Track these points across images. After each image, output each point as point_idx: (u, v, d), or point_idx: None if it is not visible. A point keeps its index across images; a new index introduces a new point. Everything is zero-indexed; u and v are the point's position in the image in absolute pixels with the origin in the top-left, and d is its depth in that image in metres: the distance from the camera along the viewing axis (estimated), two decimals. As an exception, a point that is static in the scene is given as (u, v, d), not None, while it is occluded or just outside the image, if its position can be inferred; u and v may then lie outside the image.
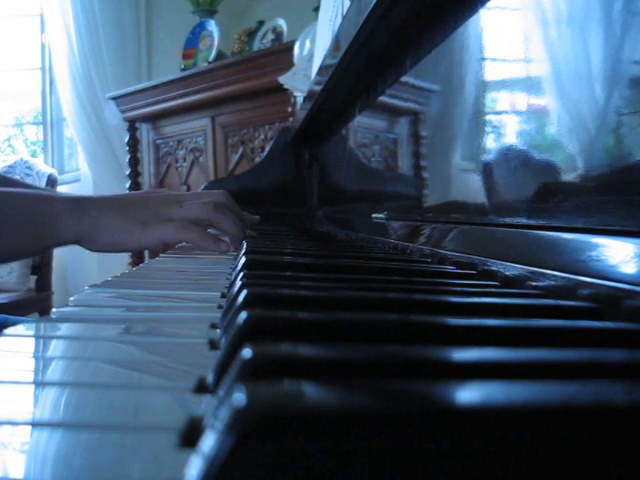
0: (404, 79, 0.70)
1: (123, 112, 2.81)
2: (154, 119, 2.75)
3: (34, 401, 0.20)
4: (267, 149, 1.66)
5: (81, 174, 3.50)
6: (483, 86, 0.49)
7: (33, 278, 3.05)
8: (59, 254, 3.24)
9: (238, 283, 0.31)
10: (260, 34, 2.53)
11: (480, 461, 0.13)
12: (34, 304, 2.95)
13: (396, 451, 0.12)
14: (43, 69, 3.75)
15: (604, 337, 0.23)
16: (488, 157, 0.48)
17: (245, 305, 0.26)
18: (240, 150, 2.36)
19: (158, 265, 0.65)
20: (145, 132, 2.82)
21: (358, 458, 0.12)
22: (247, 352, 0.17)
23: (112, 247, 0.68)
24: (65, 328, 0.31)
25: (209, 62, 2.55)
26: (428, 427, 0.13)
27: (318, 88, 1.01)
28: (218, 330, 0.30)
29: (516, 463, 0.13)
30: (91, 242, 0.68)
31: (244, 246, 0.60)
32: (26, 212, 0.67)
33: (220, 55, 2.60)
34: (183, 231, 0.68)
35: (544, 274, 0.34)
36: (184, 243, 0.93)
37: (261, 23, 2.59)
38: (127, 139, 2.82)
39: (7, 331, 0.28)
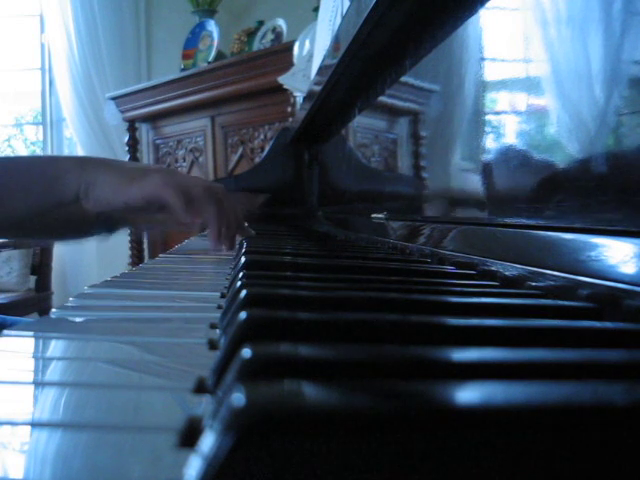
0: (404, 79, 0.70)
1: (123, 112, 2.81)
2: (154, 119, 2.75)
3: (34, 401, 0.20)
4: (267, 149, 1.66)
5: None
6: (483, 86, 0.49)
7: (33, 278, 3.06)
8: (59, 254, 3.24)
9: (237, 283, 0.31)
10: (260, 34, 2.54)
11: (480, 461, 0.13)
12: (34, 304, 2.95)
13: (395, 451, 0.12)
14: (43, 69, 3.75)
15: (604, 337, 0.23)
16: (488, 157, 0.48)
17: (244, 305, 0.26)
18: (240, 150, 2.36)
19: (158, 265, 0.65)
20: (145, 132, 2.83)
21: (357, 458, 0.12)
22: (246, 352, 0.17)
23: (103, 202, 0.70)
24: (64, 328, 0.31)
25: (209, 62, 2.55)
26: (428, 427, 0.13)
27: (318, 88, 1.01)
28: (217, 330, 0.30)
29: (516, 463, 0.13)
30: (86, 197, 0.70)
31: (244, 246, 0.60)
32: (33, 172, 0.71)
33: (220, 55, 2.60)
34: (162, 187, 0.67)
35: (544, 274, 0.34)
36: (182, 244, 0.93)
37: (261, 23, 2.59)
38: (127, 139, 2.82)
39: (7, 331, 0.28)
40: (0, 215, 0.72)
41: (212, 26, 2.71)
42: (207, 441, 0.13)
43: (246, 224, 0.81)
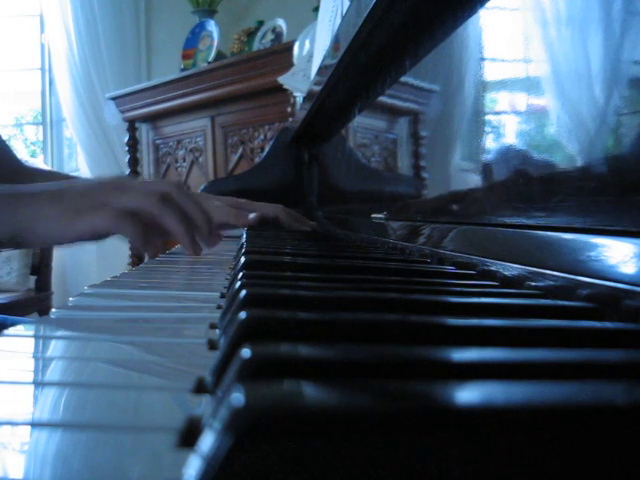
0: (403, 79, 0.70)
1: (123, 112, 2.81)
2: (154, 119, 2.75)
3: (34, 401, 0.20)
4: (267, 149, 1.66)
5: (81, 174, 3.49)
6: (483, 86, 0.49)
7: (33, 278, 3.05)
8: (59, 254, 3.24)
9: (237, 283, 0.31)
10: (260, 34, 2.54)
11: (480, 461, 0.13)
12: (34, 304, 2.95)
13: (395, 451, 0.12)
14: (43, 69, 3.75)
15: (603, 337, 0.23)
16: (487, 157, 0.48)
17: (244, 305, 0.26)
18: (240, 150, 2.36)
19: (157, 265, 0.65)
20: (145, 132, 2.83)
21: (357, 458, 0.12)
22: (246, 352, 0.17)
23: (48, 241, 0.62)
24: (64, 328, 0.31)
25: (209, 62, 2.55)
26: (428, 427, 0.13)
27: (318, 88, 1.01)
28: (217, 330, 0.30)
29: (516, 463, 0.13)
30: (28, 237, 0.61)
31: (244, 246, 0.60)
32: None
33: (220, 55, 2.60)
34: (115, 221, 0.59)
35: (543, 274, 0.34)
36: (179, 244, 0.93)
37: (261, 23, 2.59)
38: (127, 139, 2.82)
39: (7, 331, 0.28)
40: None
41: (212, 26, 2.71)
42: (207, 441, 0.13)
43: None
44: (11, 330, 0.29)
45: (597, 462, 0.13)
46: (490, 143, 0.47)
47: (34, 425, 0.18)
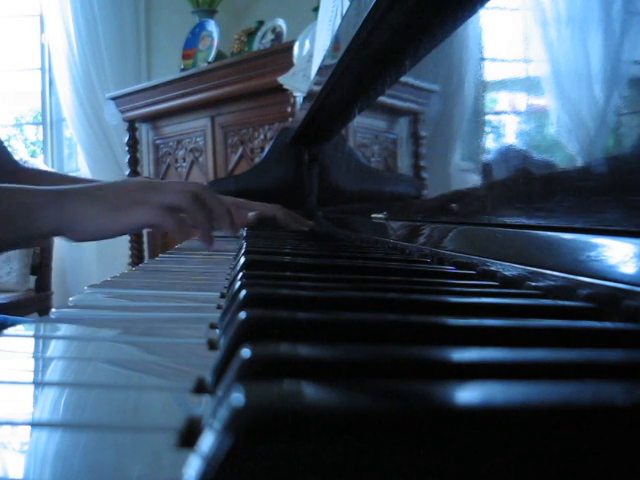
0: (404, 79, 0.70)
1: (123, 112, 2.81)
2: (154, 119, 2.75)
3: (34, 401, 0.20)
4: (267, 149, 1.66)
5: (81, 174, 3.49)
6: (483, 86, 0.49)
7: (33, 278, 3.05)
8: (59, 254, 3.24)
9: (237, 283, 0.31)
10: (260, 34, 2.53)
11: (480, 461, 0.13)
12: (34, 304, 2.95)
13: (395, 451, 0.12)
14: (43, 69, 3.75)
15: (603, 337, 0.23)
16: (487, 157, 0.48)
17: (244, 305, 0.26)
18: (240, 150, 2.36)
19: (157, 265, 0.65)
20: (145, 132, 2.83)
21: (357, 458, 0.12)
22: (246, 352, 0.17)
23: (92, 235, 0.69)
24: (64, 328, 0.31)
25: (209, 62, 2.55)
26: (428, 427, 0.13)
27: (318, 88, 1.01)
28: (217, 330, 0.30)
29: (516, 463, 0.13)
30: (72, 232, 0.68)
31: (244, 246, 0.60)
32: (8, 204, 0.68)
33: (220, 55, 2.60)
34: (157, 215, 0.67)
35: (543, 274, 0.34)
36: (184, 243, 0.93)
37: (261, 23, 2.59)
38: (127, 139, 2.82)
39: (7, 331, 0.28)
40: None
41: (212, 26, 2.71)
42: (207, 441, 0.13)
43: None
44: (11, 330, 0.29)
45: (597, 462, 0.13)
46: (490, 143, 0.47)
47: (34, 425, 0.18)
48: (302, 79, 1.52)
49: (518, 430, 0.13)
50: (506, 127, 0.45)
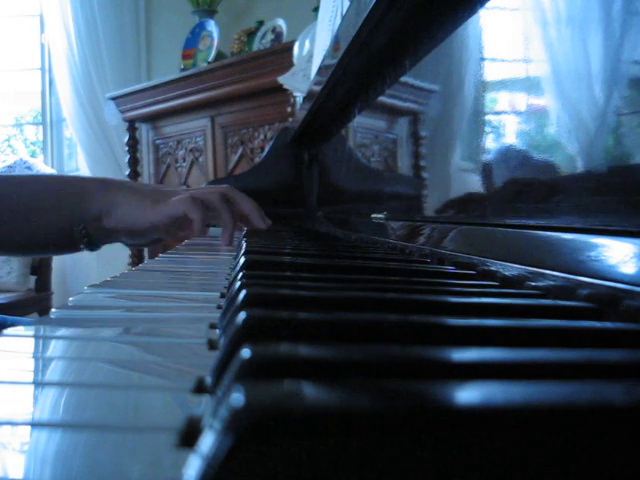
0: (403, 79, 0.70)
1: (123, 112, 2.81)
2: (154, 119, 2.75)
3: (34, 401, 0.20)
4: (267, 149, 1.66)
5: (81, 174, 3.50)
6: (483, 86, 0.49)
7: (33, 278, 3.05)
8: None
9: (237, 283, 0.31)
10: (260, 34, 2.54)
11: (480, 461, 0.13)
12: (34, 304, 2.95)
13: (395, 451, 0.12)
14: (43, 69, 3.75)
15: (603, 337, 0.23)
16: (488, 157, 0.48)
17: (244, 305, 0.26)
18: (240, 150, 2.36)
19: (157, 265, 0.65)
20: (145, 132, 2.83)
21: (357, 458, 0.12)
22: (246, 352, 0.17)
23: (125, 223, 0.75)
24: (64, 328, 0.31)
25: (209, 62, 2.55)
26: (428, 427, 0.13)
27: (318, 88, 1.01)
28: (217, 330, 0.30)
29: (516, 463, 0.13)
30: (108, 216, 0.75)
31: (243, 246, 0.60)
32: (60, 190, 0.77)
33: (220, 55, 2.60)
34: (189, 204, 0.73)
35: (543, 274, 0.34)
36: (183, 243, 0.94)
37: (261, 23, 2.59)
38: (127, 139, 2.82)
39: (6, 331, 0.28)
40: (27, 232, 0.77)
41: (212, 26, 2.71)
42: (206, 441, 0.13)
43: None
44: (11, 330, 0.29)
45: (597, 462, 0.13)
46: (490, 143, 0.47)
47: (34, 425, 0.18)
48: (302, 79, 1.52)
49: (518, 430, 0.13)
50: (506, 127, 0.45)
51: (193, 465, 0.13)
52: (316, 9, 1.70)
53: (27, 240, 0.79)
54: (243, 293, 0.27)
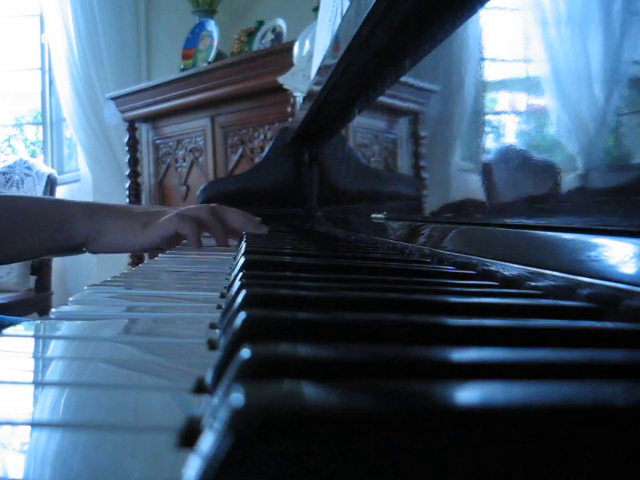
0: (404, 79, 0.70)
1: (123, 112, 2.81)
2: (154, 119, 2.75)
3: (34, 401, 0.20)
4: (267, 149, 1.66)
5: (81, 174, 3.50)
6: (483, 86, 0.49)
7: (33, 278, 3.05)
8: (59, 254, 3.24)
9: (237, 283, 0.31)
10: (260, 34, 2.53)
11: (480, 461, 0.13)
12: (34, 304, 2.95)
13: (395, 451, 0.12)
14: (43, 69, 3.75)
15: (604, 337, 0.23)
16: (488, 157, 0.48)
17: (244, 305, 0.26)
18: (240, 150, 2.36)
19: (157, 265, 0.65)
20: (145, 132, 2.82)
21: (357, 459, 0.12)
22: (246, 352, 0.17)
23: (115, 247, 0.74)
24: (64, 328, 0.31)
25: (209, 62, 2.55)
26: (428, 427, 0.13)
27: (318, 88, 1.00)
28: (217, 330, 0.30)
29: (516, 463, 0.13)
30: (94, 243, 0.73)
31: (243, 246, 0.60)
32: (44, 214, 0.73)
33: (220, 55, 2.60)
34: (178, 222, 0.73)
35: (543, 274, 0.34)
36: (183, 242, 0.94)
37: (261, 23, 2.59)
38: (127, 139, 2.82)
39: (6, 331, 0.28)
40: (4, 256, 0.74)
41: (212, 26, 2.71)
42: (206, 441, 0.13)
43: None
44: (11, 330, 0.29)
45: (597, 462, 0.13)
46: (490, 143, 0.47)
47: (34, 425, 0.18)
48: (302, 79, 1.52)
49: (518, 430, 0.13)
50: (506, 127, 0.45)
51: (193, 465, 0.13)
52: (316, 9, 1.70)
53: (9, 259, 0.77)
54: (243, 293, 0.27)
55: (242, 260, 0.42)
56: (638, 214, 0.29)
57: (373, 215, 0.83)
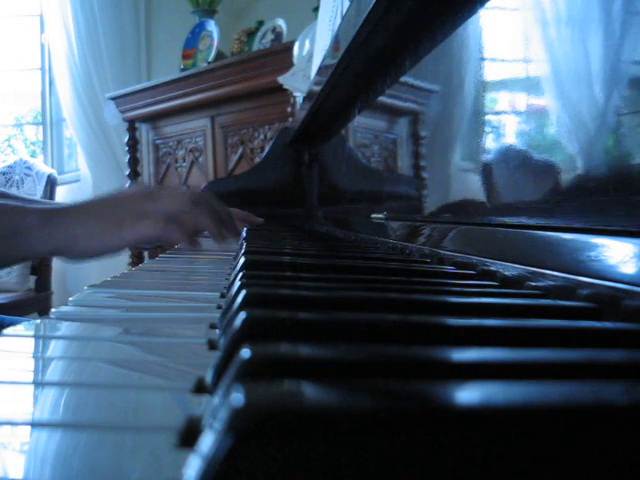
0: (403, 79, 0.70)
1: (123, 112, 2.81)
2: (154, 119, 2.75)
3: (34, 401, 0.20)
4: (267, 149, 1.66)
5: (81, 174, 3.49)
6: (483, 86, 0.49)
7: (33, 278, 3.05)
8: (59, 254, 3.23)
9: (237, 283, 0.31)
10: (260, 34, 2.53)
11: (480, 461, 0.13)
12: (33, 304, 2.95)
13: (395, 451, 0.12)
14: (43, 69, 3.75)
15: (604, 337, 0.23)
16: (487, 157, 0.48)
17: (244, 305, 0.26)
18: (240, 150, 2.36)
19: (157, 265, 0.65)
20: (145, 132, 2.82)
21: (356, 458, 0.12)
22: (246, 352, 0.17)
23: (92, 253, 0.65)
24: (64, 328, 0.31)
25: (209, 62, 2.55)
26: (428, 427, 0.13)
27: (318, 88, 1.00)
28: (217, 330, 0.30)
29: (516, 463, 0.13)
30: (69, 252, 0.65)
31: (243, 246, 0.60)
32: None
33: (220, 55, 2.60)
34: (163, 228, 0.65)
35: (543, 274, 0.34)
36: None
37: (261, 23, 2.59)
38: (127, 139, 2.82)
39: (6, 331, 0.28)
40: None
41: (212, 26, 2.71)
42: (206, 441, 0.13)
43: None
44: (11, 330, 0.29)
45: (597, 462, 0.13)
46: (490, 143, 0.47)
47: (34, 425, 0.18)
48: (302, 79, 1.52)
49: (518, 430, 0.13)
50: (506, 127, 0.45)
51: (193, 465, 0.13)
52: (316, 9, 1.70)
53: None
54: (243, 293, 0.27)
55: (242, 260, 0.42)
56: (638, 214, 0.29)
57: (373, 215, 0.83)
